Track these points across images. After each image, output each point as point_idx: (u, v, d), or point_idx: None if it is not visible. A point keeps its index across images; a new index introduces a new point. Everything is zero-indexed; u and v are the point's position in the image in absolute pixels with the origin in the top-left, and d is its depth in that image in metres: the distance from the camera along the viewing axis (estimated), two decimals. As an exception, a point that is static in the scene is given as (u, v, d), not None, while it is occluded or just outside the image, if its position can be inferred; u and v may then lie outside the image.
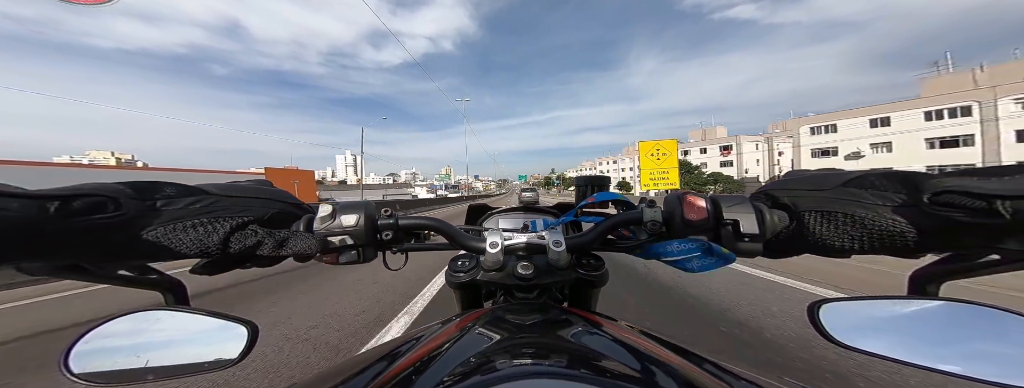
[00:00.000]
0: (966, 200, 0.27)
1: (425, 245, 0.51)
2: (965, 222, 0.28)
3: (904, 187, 0.32)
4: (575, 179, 0.70)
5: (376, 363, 0.38)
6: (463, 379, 0.27)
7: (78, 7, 4.23)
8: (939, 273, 0.35)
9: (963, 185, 0.28)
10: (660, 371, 0.31)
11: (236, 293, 3.38)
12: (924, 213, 0.30)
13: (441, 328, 0.45)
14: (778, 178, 0.43)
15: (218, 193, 0.37)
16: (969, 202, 0.27)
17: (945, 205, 0.29)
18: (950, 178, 0.30)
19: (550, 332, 0.40)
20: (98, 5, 4.06)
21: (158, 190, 0.34)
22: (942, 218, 0.29)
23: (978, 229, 0.28)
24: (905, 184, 0.32)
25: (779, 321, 2.51)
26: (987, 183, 0.27)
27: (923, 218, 0.30)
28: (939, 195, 0.29)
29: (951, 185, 0.29)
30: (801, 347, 2.06)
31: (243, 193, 0.39)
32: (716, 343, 2.21)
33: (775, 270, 3.81)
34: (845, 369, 1.84)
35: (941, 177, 0.31)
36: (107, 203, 0.30)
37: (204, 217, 0.35)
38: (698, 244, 0.39)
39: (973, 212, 0.27)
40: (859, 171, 0.36)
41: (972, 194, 0.27)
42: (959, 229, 0.29)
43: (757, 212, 0.38)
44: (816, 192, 0.36)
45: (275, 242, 0.38)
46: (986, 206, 0.26)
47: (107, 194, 0.30)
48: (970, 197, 0.27)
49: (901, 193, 0.32)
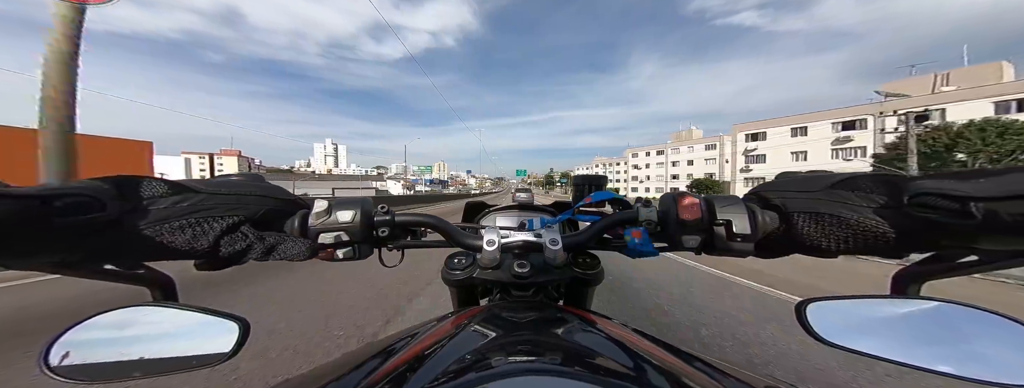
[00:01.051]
0: (943, 202, 0.28)
1: (421, 242, 0.51)
2: (942, 223, 0.29)
3: (887, 189, 0.33)
4: (573, 178, 0.71)
5: (371, 359, 0.37)
6: (458, 376, 0.27)
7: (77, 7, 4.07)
8: (921, 273, 0.36)
9: (940, 187, 0.29)
10: (653, 369, 0.31)
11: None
12: (905, 214, 0.31)
13: (437, 325, 0.45)
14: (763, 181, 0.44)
15: (207, 190, 0.36)
16: (945, 204, 0.28)
17: (924, 207, 0.30)
18: (929, 180, 0.31)
19: (545, 330, 0.40)
20: (98, 5, 3.93)
21: (143, 188, 0.33)
22: (921, 219, 0.30)
23: (955, 230, 0.29)
24: (888, 186, 0.33)
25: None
26: (962, 185, 0.28)
27: (904, 219, 0.31)
28: (918, 197, 0.30)
29: (929, 187, 0.30)
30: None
31: (234, 189, 0.38)
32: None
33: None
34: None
35: (921, 179, 0.32)
36: (91, 203, 0.29)
37: (192, 217, 0.34)
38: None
39: (949, 213, 0.28)
40: (847, 173, 0.38)
41: (947, 196, 0.28)
42: (937, 230, 0.30)
43: (750, 213, 0.39)
44: (805, 194, 0.38)
45: (265, 247, 0.37)
46: (960, 208, 0.27)
47: (89, 193, 0.29)
48: (946, 199, 0.28)
49: (884, 195, 0.33)
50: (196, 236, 0.34)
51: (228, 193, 0.37)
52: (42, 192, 0.27)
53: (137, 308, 0.37)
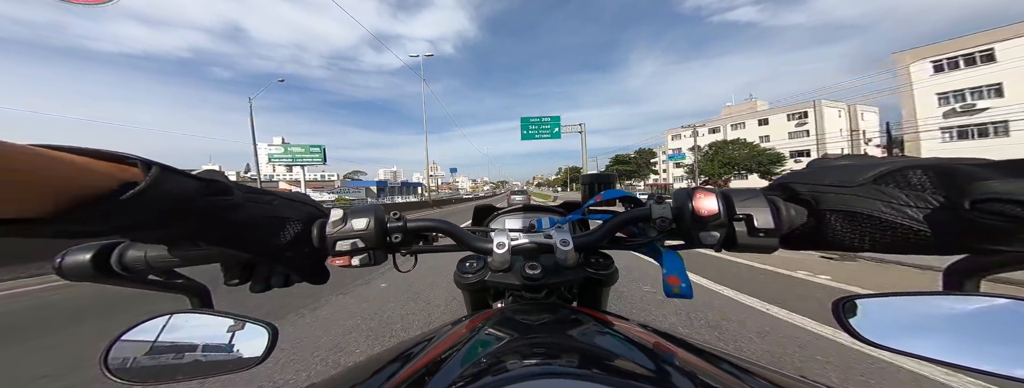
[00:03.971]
0: (1013, 208, 0.25)
1: (433, 247, 0.52)
2: (1010, 230, 0.26)
3: (945, 188, 0.29)
4: (581, 177, 0.69)
5: (389, 365, 0.38)
6: (475, 380, 0.27)
7: (77, 7, 4.46)
8: (978, 267, 0.32)
9: (1011, 191, 0.25)
10: (675, 371, 0.30)
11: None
12: (963, 219, 0.28)
13: (451, 329, 0.45)
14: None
15: (282, 196, 0.41)
16: (1016, 211, 0.25)
17: (989, 212, 0.26)
18: (998, 182, 0.27)
19: (560, 332, 0.40)
20: (98, 5, 4.30)
21: (247, 187, 0.38)
22: (985, 225, 0.27)
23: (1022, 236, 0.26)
24: (946, 185, 0.30)
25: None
26: None
27: (962, 223, 0.28)
28: (984, 202, 0.26)
29: (998, 191, 0.26)
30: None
31: (292, 197, 0.42)
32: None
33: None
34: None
35: (986, 179, 0.28)
36: (226, 188, 0.33)
37: (281, 216, 0.38)
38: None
39: (1019, 221, 0.25)
40: (892, 162, 0.33)
41: (1020, 202, 0.25)
42: (1001, 235, 0.27)
43: (772, 206, 0.36)
44: (842, 189, 0.34)
45: (315, 249, 0.41)
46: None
47: (226, 181, 0.34)
48: (1018, 205, 0.25)
49: (939, 195, 0.29)
50: (279, 233, 0.38)
51: (293, 199, 0.42)
52: (202, 175, 0.32)
53: (179, 315, 0.41)
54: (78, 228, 0.24)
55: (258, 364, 0.39)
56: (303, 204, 0.43)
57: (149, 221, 0.27)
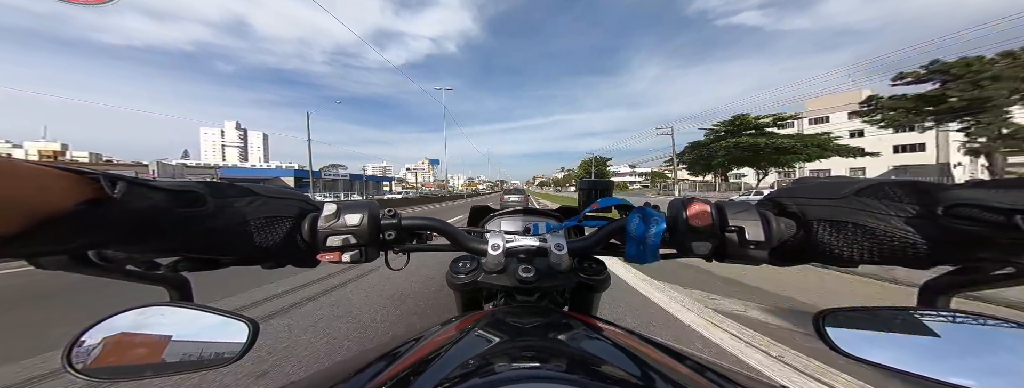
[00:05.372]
0: (984, 213, 0.27)
1: (427, 246, 0.51)
2: (982, 235, 0.27)
3: (918, 198, 0.32)
4: (578, 183, 0.70)
5: (374, 363, 0.38)
6: (462, 381, 0.26)
7: (77, 7, 4.23)
8: (950, 285, 0.34)
9: (981, 198, 0.27)
10: (660, 377, 0.30)
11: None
12: (939, 225, 0.29)
13: (440, 329, 0.45)
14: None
15: (265, 194, 0.40)
16: (987, 216, 0.27)
17: (961, 218, 0.28)
18: (967, 190, 0.29)
19: (550, 336, 0.40)
20: (98, 5, 4.12)
21: (225, 190, 0.37)
22: (958, 231, 0.29)
23: (995, 242, 0.27)
24: (920, 195, 0.32)
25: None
26: (1006, 196, 0.27)
27: (937, 230, 0.30)
28: (955, 208, 0.28)
29: (968, 197, 0.28)
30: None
31: (278, 194, 0.41)
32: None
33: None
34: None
35: (956, 189, 0.30)
36: (200, 197, 0.32)
37: (263, 218, 0.37)
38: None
39: (991, 225, 0.27)
40: (873, 179, 0.36)
41: (990, 208, 0.27)
42: (974, 242, 0.28)
43: (763, 220, 0.38)
44: (826, 201, 0.36)
45: (306, 243, 0.40)
46: (1004, 220, 0.26)
47: (196, 190, 0.33)
48: (988, 211, 0.27)
49: (915, 204, 0.31)
50: (263, 234, 0.37)
51: (279, 196, 0.41)
52: (172, 186, 0.30)
53: (155, 307, 0.39)
54: (38, 249, 0.23)
55: (235, 361, 0.37)
56: (292, 199, 0.42)
57: (118, 238, 0.26)
